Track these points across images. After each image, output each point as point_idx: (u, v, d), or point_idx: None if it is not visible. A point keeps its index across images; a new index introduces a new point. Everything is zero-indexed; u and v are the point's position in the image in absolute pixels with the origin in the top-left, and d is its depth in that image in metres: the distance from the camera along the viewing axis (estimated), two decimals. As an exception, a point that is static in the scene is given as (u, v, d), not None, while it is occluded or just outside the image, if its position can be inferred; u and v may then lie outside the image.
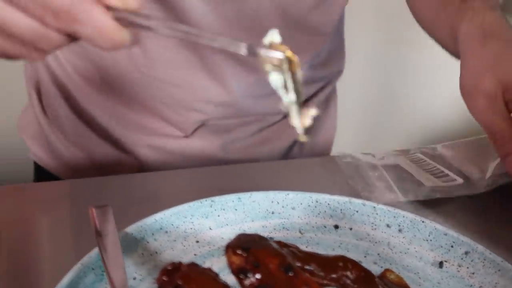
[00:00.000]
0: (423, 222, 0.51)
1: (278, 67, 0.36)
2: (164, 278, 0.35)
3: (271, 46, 0.36)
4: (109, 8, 0.34)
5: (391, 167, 0.66)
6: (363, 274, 0.42)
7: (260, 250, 0.37)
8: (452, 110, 1.85)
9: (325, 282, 0.40)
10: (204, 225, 0.51)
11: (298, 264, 0.39)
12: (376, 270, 0.47)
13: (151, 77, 0.70)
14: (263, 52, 0.36)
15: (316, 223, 0.53)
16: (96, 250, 0.43)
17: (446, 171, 0.64)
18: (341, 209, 0.53)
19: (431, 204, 0.59)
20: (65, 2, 0.33)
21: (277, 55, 0.36)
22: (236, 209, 0.52)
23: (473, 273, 0.47)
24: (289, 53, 0.36)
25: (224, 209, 0.52)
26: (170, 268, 0.36)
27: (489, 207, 0.61)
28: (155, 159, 0.76)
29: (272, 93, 0.38)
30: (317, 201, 0.54)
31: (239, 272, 0.36)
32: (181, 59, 0.68)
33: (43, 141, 0.83)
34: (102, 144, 0.78)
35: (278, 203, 0.53)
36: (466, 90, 0.57)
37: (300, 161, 0.77)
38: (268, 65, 0.36)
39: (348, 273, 0.41)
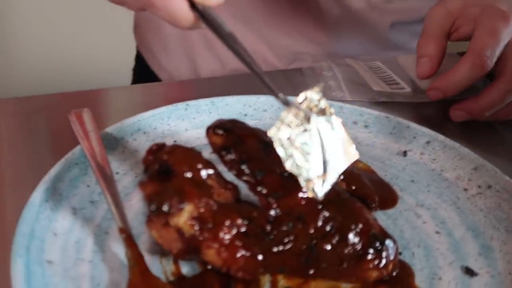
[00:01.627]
0: (387, 117, 0.54)
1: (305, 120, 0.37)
2: (150, 157, 0.37)
3: (306, 101, 0.38)
4: None
5: (346, 70, 0.69)
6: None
7: (240, 130, 0.39)
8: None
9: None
10: (180, 126, 0.53)
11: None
12: (345, 161, 0.50)
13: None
14: (294, 102, 0.37)
15: (287, 123, 0.55)
16: (79, 147, 0.45)
17: (398, 80, 0.67)
18: (310, 110, 0.56)
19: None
20: None
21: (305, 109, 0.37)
22: (210, 112, 0.54)
23: (434, 159, 0.51)
24: (324, 105, 0.38)
25: (198, 112, 0.54)
26: (155, 148, 0.37)
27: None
28: None
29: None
30: (287, 103, 0.56)
31: (220, 150, 0.38)
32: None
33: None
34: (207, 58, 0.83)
35: (250, 106, 0.55)
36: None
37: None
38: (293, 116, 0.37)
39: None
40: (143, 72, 0.89)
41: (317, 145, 0.37)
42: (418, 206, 0.46)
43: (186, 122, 0.53)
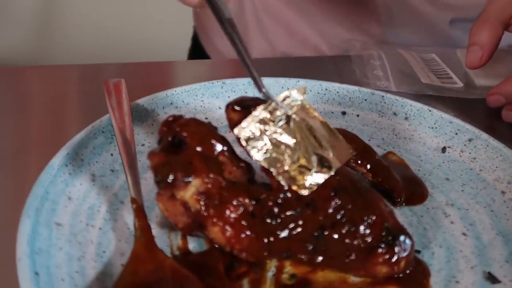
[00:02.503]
0: (429, 111, 0.51)
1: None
2: (165, 128, 0.37)
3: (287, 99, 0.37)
4: None
5: (395, 60, 0.66)
6: (362, 147, 0.43)
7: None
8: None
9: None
10: (214, 104, 0.52)
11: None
12: (379, 152, 0.47)
13: None
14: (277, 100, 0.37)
15: (324, 109, 0.54)
16: (107, 116, 0.45)
17: (451, 74, 0.64)
18: (349, 97, 0.54)
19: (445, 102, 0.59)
20: None
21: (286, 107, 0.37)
22: (246, 92, 0.53)
23: (474, 158, 0.48)
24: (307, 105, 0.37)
25: (234, 91, 0.53)
26: (171, 120, 0.37)
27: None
28: None
29: None
30: (326, 89, 0.54)
31: (235, 127, 0.37)
32: None
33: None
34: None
35: (288, 88, 0.54)
36: None
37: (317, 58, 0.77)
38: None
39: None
40: (198, 53, 0.89)
41: (293, 143, 0.36)
42: (448, 205, 0.43)
43: (220, 100, 0.52)
